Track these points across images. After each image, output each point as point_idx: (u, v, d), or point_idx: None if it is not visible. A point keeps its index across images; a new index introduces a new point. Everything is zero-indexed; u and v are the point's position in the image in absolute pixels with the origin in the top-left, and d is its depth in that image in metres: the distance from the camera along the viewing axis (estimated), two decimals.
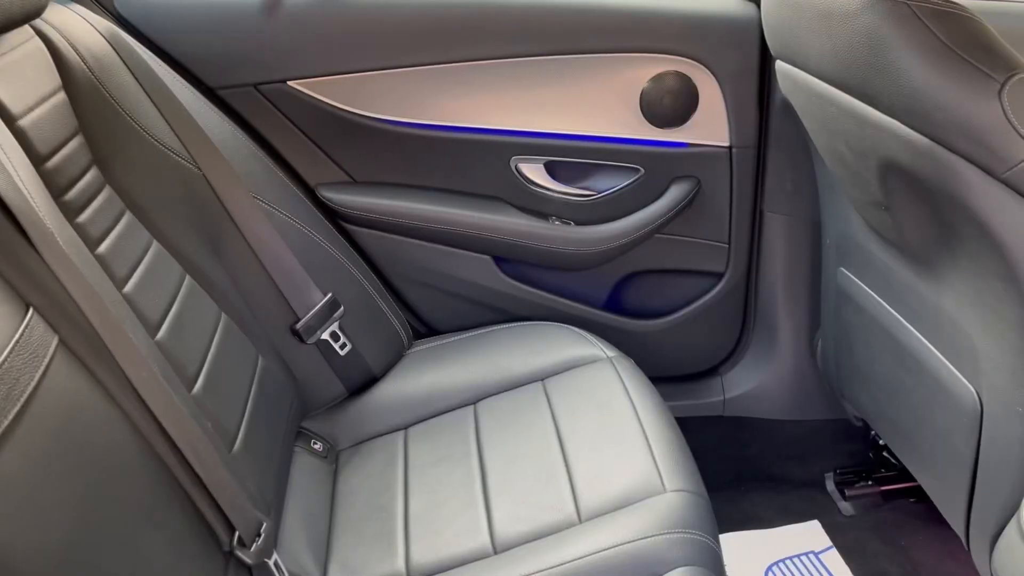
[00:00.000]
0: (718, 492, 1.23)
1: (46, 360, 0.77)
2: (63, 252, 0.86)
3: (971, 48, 0.88)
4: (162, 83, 1.26)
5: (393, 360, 1.50)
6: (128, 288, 1.02)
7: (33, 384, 0.74)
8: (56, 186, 0.97)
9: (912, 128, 0.95)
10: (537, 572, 1.05)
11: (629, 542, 1.05)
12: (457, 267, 1.61)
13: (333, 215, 1.54)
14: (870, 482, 1.72)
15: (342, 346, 1.40)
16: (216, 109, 1.38)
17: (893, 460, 1.72)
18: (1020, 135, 0.87)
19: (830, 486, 1.74)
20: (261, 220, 1.32)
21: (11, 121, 0.92)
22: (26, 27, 1.05)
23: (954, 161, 0.93)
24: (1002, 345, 1.03)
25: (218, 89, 1.44)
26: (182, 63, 1.41)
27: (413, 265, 1.60)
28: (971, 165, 0.92)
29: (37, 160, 0.95)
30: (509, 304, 1.64)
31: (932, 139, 0.93)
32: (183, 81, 1.34)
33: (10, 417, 0.69)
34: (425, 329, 1.67)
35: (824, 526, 1.66)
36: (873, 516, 1.67)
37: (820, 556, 1.59)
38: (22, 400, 0.71)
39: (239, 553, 0.95)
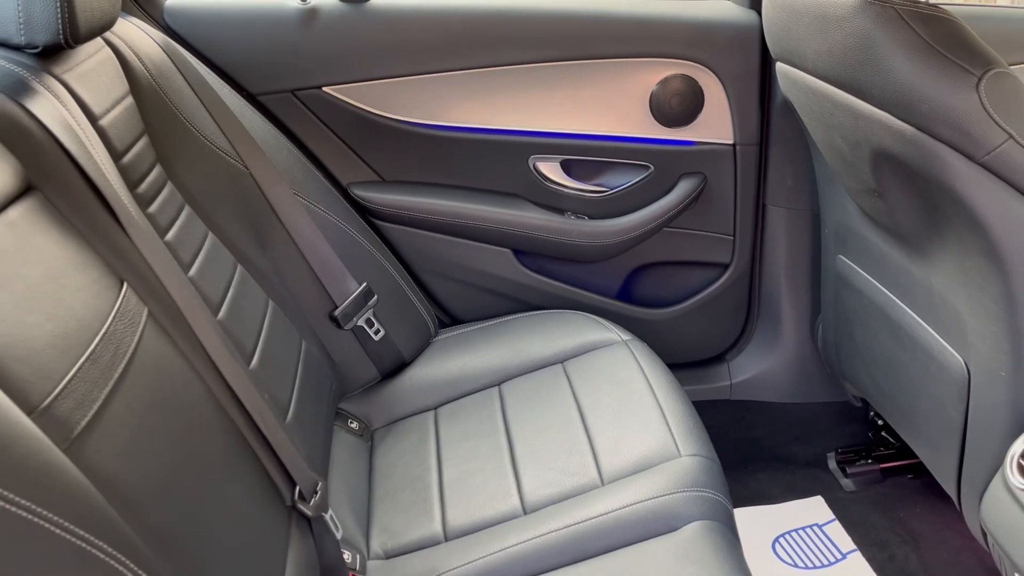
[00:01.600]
0: (727, 471, 1.31)
1: (140, 327, 0.87)
2: (146, 236, 0.97)
3: (951, 46, 0.99)
4: (211, 89, 1.37)
5: (422, 346, 1.61)
6: (192, 272, 1.13)
7: (132, 346, 0.84)
8: (130, 180, 1.08)
9: (900, 119, 1.06)
10: (565, 527, 1.14)
11: (648, 499, 1.15)
12: (479, 260, 1.71)
13: (364, 212, 1.65)
14: (870, 460, 1.82)
15: (376, 332, 1.50)
16: (258, 113, 1.49)
17: (892, 439, 1.82)
18: (996, 123, 0.98)
19: (832, 464, 1.84)
20: (301, 215, 1.42)
21: (94, 120, 1.03)
22: (98, 38, 1.16)
23: (938, 148, 1.03)
24: (986, 317, 1.13)
25: (259, 95, 1.55)
26: (225, 71, 1.52)
27: (438, 258, 1.70)
28: (953, 151, 1.02)
29: (115, 156, 1.06)
30: (528, 295, 1.74)
31: (918, 128, 1.04)
32: (228, 87, 1.45)
33: (118, 372, 0.80)
34: (449, 319, 1.78)
35: (827, 501, 1.76)
36: (873, 491, 1.77)
37: (824, 528, 1.69)
38: (125, 359, 0.82)
39: (300, 506, 1.05)
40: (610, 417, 1.34)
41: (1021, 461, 1.07)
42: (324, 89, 1.57)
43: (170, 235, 1.13)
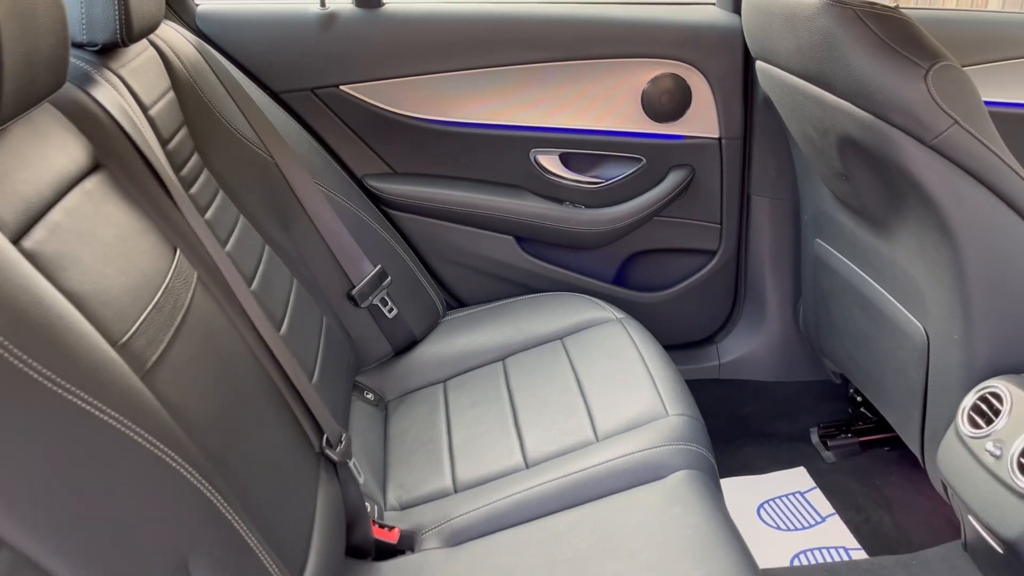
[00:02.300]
0: (716, 445, 1.42)
1: (192, 287, 1.00)
2: (192, 210, 1.10)
3: (902, 42, 1.12)
4: (240, 86, 1.51)
5: (431, 325, 1.73)
6: (227, 248, 1.26)
7: (187, 302, 0.97)
8: (175, 164, 1.21)
9: (860, 107, 1.19)
10: (562, 477, 1.27)
11: (638, 452, 1.28)
12: (484, 246, 1.84)
13: (377, 201, 1.78)
14: (849, 434, 1.94)
15: (390, 310, 1.63)
16: (281, 109, 1.62)
17: (870, 415, 1.94)
18: (942, 110, 1.11)
19: (814, 438, 1.96)
20: (321, 202, 1.55)
21: (144, 110, 1.16)
22: (144, 39, 1.29)
23: (893, 133, 1.16)
24: (940, 286, 1.26)
25: (281, 93, 1.68)
26: (251, 71, 1.66)
27: (446, 245, 1.83)
28: (906, 135, 1.15)
29: (162, 142, 1.19)
30: (530, 279, 1.87)
31: (875, 116, 1.17)
32: (254, 85, 1.59)
33: (177, 321, 0.93)
34: (456, 302, 1.90)
35: (809, 471, 1.88)
36: (852, 462, 1.89)
37: (805, 495, 1.82)
38: (182, 312, 0.95)
39: (328, 452, 1.18)
40: (604, 384, 1.47)
41: (971, 413, 1.20)
42: (341, 88, 1.70)
43: (208, 214, 1.26)
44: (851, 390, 1.95)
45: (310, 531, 1.06)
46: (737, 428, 2.00)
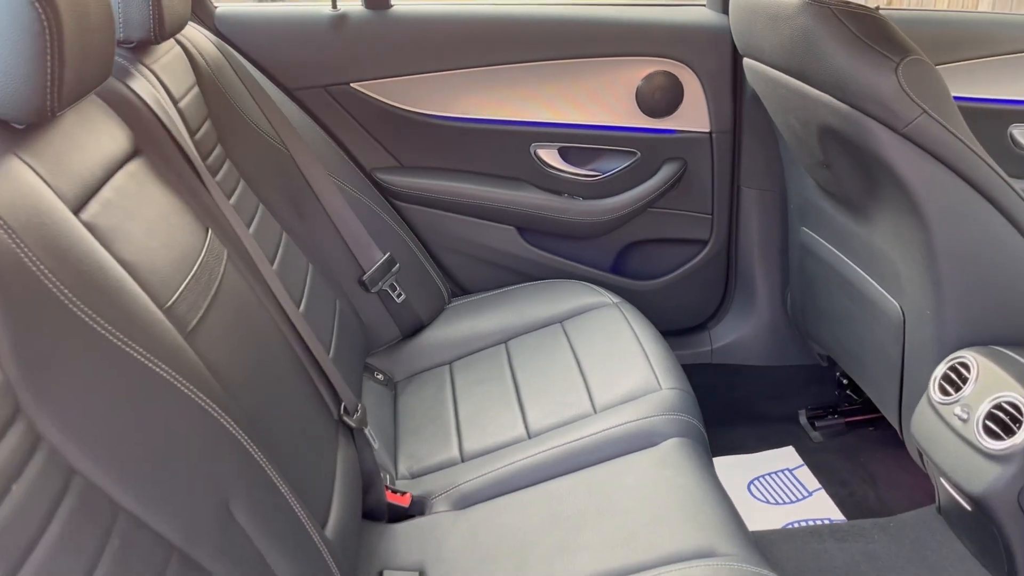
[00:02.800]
0: (708, 427, 1.50)
1: (223, 263, 1.09)
2: (220, 194, 1.19)
3: (875, 38, 1.22)
4: (257, 83, 1.60)
5: (437, 311, 1.83)
6: (250, 232, 1.35)
7: (220, 276, 1.06)
8: (201, 154, 1.31)
9: (837, 99, 1.29)
10: (562, 445, 1.36)
11: (633, 421, 1.37)
12: (486, 236, 1.93)
13: (385, 193, 1.87)
14: (836, 415, 2.03)
15: (398, 295, 1.72)
16: (295, 105, 1.72)
17: (855, 396, 2.03)
18: (912, 100, 1.21)
19: (803, 419, 2.05)
20: (334, 192, 1.65)
21: (175, 102, 1.26)
22: (171, 38, 1.38)
23: (868, 122, 1.26)
24: (914, 265, 1.35)
25: (295, 90, 1.78)
26: (267, 69, 1.75)
27: (450, 235, 1.92)
28: (880, 124, 1.25)
29: (191, 132, 1.28)
30: (530, 268, 1.96)
31: (851, 106, 1.26)
32: (269, 82, 1.68)
33: (212, 291, 1.02)
34: (460, 290, 1.99)
35: (797, 450, 1.97)
36: (838, 441, 1.99)
37: (793, 472, 1.91)
38: (216, 284, 1.04)
39: (345, 419, 1.27)
40: (602, 361, 1.56)
41: (941, 382, 1.29)
42: (352, 85, 1.80)
43: (232, 200, 1.35)
44: (837, 373, 2.04)
45: (331, 490, 1.15)
46: (729, 410, 2.09)
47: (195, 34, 1.49)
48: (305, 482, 1.04)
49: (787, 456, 1.96)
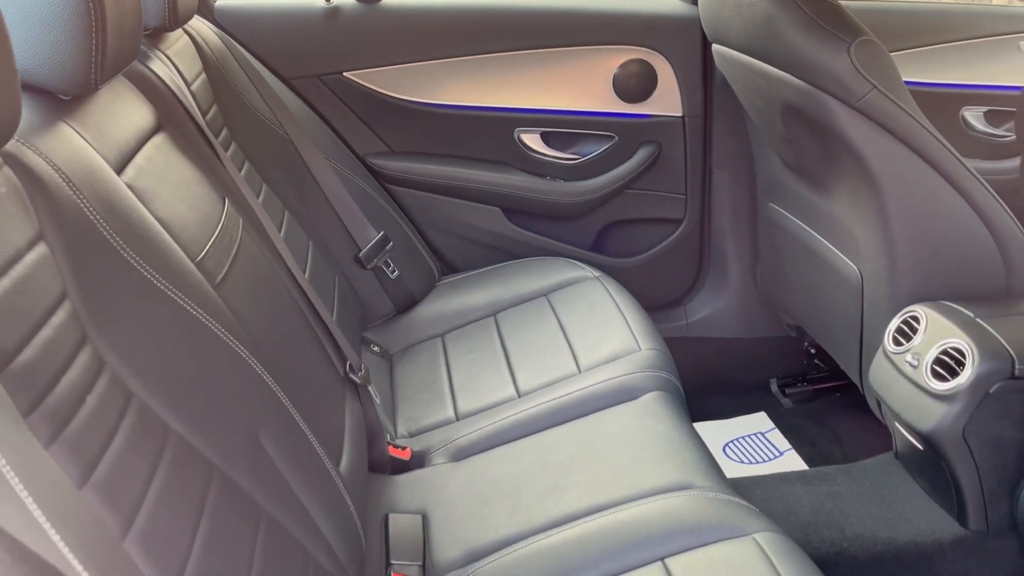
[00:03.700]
0: (686, 395, 1.61)
1: (240, 228, 1.20)
2: (234, 168, 1.29)
3: (829, 20, 1.34)
4: (257, 72, 1.70)
5: (428, 287, 1.93)
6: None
7: (238, 239, 1.16)
8: (212, 133, 1.40)
9: (797, 77, 1.41)
10: (551, 400, 1.47)
11: (615, 378, 1.48)
12: (474, 217, 2.04)
13: (378, 177, 1.97)
14: (805, 383, 2.16)
15: (392, 272, 1.82)
16: (291, 93, 1.82)
17: (823, 365, 2.16)
18: (863, 77, 1.33)
19: (774, 387, 2.18)
20: (330, 175, 1.75)
21: (187, 85, 1.35)
22: (180, 28, 1.48)
23: (825, 98, 1.38)
24: (869, 230, 1.48)
25: (291, 79, 1.88)
26: (263, 59, 1.85)
27: (439, 216, 2.03)
28: (836, 100, 1.37)
29: (203, 113, 1.38)
30: (515, 247, 2.07)
31: (810, 83, 1.39)
32: (268, 71, 1.78)
33: (233, 252, 1.12)
34: (448, 269, 2.10)
35: (769, 415, 2.09)
36: (807, 407, 2.11)
37: (766, 435, 2.03)
38: (235, 246, 1.14)
39: (351, 376, 1.37)
40: (585, 328, 1.67)
41: (895, 334, 1.42)
42: (344, 74, 1.90)
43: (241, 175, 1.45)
44: (806, 343, 2.16)
45: (342, 436, 1.25)
46: (705, 380, 2.20)
47: (200, 25, 1.59)
48: (320, 424, 1.14)
49: (759, 421, 2.09)
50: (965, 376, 1.26)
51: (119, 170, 0.96)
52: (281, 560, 0.91)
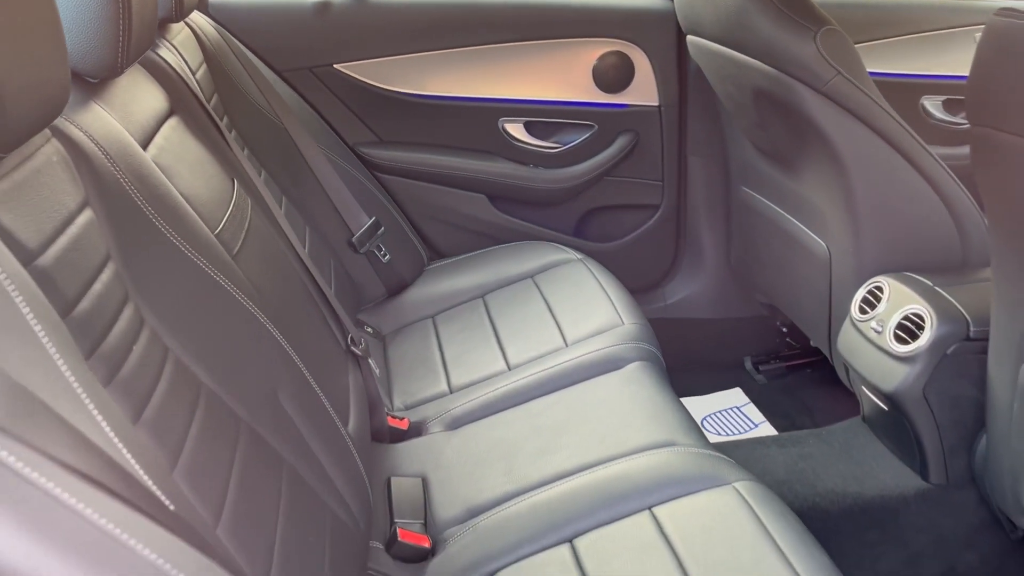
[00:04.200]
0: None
1: (250, 208, 1.27)
2: (240, 152, 1.36)
3: (796, 11, 1.44)
4: (252, 63, 1.77)
5: (418, 271, 2.01)
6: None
7: (249, 216, 1.24)
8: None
9: (767, 64, 1.50)
10: (539, 372, 1.55)
11: (600, 350, 1.57)
12: (460, 204, 2.12)
13: (367, 166, 2.04)
14: (777, 360, 2.26)
15: (384, 255, 1.90)
16: (285, 84, 1.89)
17: (793, 343, 2.27)
18: (829, 63, 1.43)
19: (748, 365, 2.28)
20: (324, 163, 1.82)
21: (193, 74, 1.42)
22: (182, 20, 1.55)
23: (793, 84, 1.48)
24: (835, 207, 1.58)
25: (283, 71, 1.94)
26: (257, 52, 1.91)
27: (427, 203, 2.11)
28: (803, 85, 1.47)
29: (207, 100, 1.45)
30: (500, 233, 2.15)
31: (779, 70, 1.48)
32: (261, 63, 1.85)
33: (245, 227, 1.19)
34: (436, 255, 2.17)
35: (744, 391, 2.20)
36: (780, 382, 2.22)
37: (741, 409, 2.13)
38: (247, 222, 1.21)
39: (352, 348, 1.45)
40: (570, 305, 1.76)
41: (861, 304, 1.52)
42: (335, 66, 1.97)
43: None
44: (778, 322, 2.27)
45: (348, 401, 1.33)
46: (682, 359, 2.29)
47: (199, 18, 1.66)
48: (329, 388, 1.22)
49: (735, 396, 2.19)
50: (925, 339, 1.37)
51: (143, 147, 1.03)
52: (303, 508, 0.99)
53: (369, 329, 1.88)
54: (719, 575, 1.05)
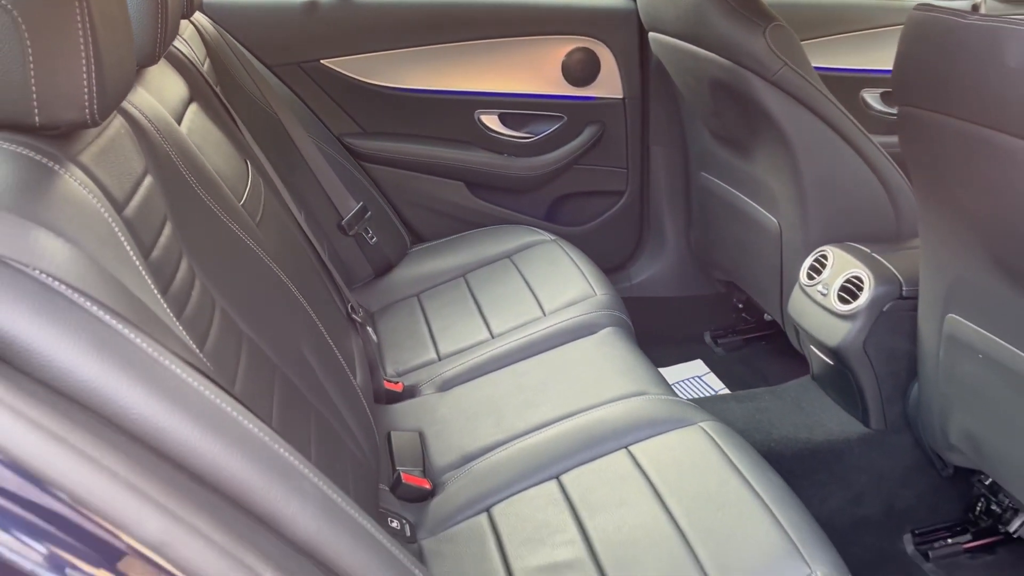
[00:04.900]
0: None
1: (263, 188, 1.40)
2: (250, 136, 1.49)
3: (747, 8, 1.61)
4: (247, 57, 1.89)
5: (402, 253, 2.15)
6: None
7: (263, 193, 1.37)
8: None
9: (722, 56, 1.68)
10: (519, 339, 1.70)
11: (576, 317, 1.73)
12: (439, 190, 2.26)
13: (352, 155, 2.18)
14: (735, 334, 2.44)
15: (371, 238, 2.03)
16: (275, 78, 2.02)
17: (748, 318, 2.45)
18: (776, 55, 1.61)
19: (707, 339, 2.45)
20: (314, 150, 1.95)
21: (198, 68, 1.55)
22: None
23: (746, 74, 1.65)
24: (784, 185, 1.76)
25: (273, 66, 2.07)
26: (249, 48, 2.04)
27: (409, 190, 2.25)
28: (755, 75, 1.64)
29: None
30: (477, 218, 2.30)
31: (733, 62, 1.65)
32: (254, 58, 1.98)
33: (263, 202, 1.33)
34: (417, 239, 2.31)
35: (705, 362, 2.37)
36: (737, 354, 2.40)
37: (702, 378, 2.30)
38: (263, 197, 1.35)
39: (353, 315, 1.58)
40: (546, 280, 1.91)
41: (808, 271, 1.70)
42: (322, 61, 2.11)
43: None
44: (734, 299, 2.44)
45: (354, 361, 1.47)
46: (647, 334, 2.44)
47: (199, 16, 1.78)
48: (339, 345, 1.36)
49: (696, 367, 2.36)
50: (864, 298, 1.55)
51: (177, 124, 1.16)
52: (329, 443, 1.13)
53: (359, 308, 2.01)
54: (689, 498, 1.21)
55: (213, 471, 0.60)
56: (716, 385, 2.27)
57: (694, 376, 2.32)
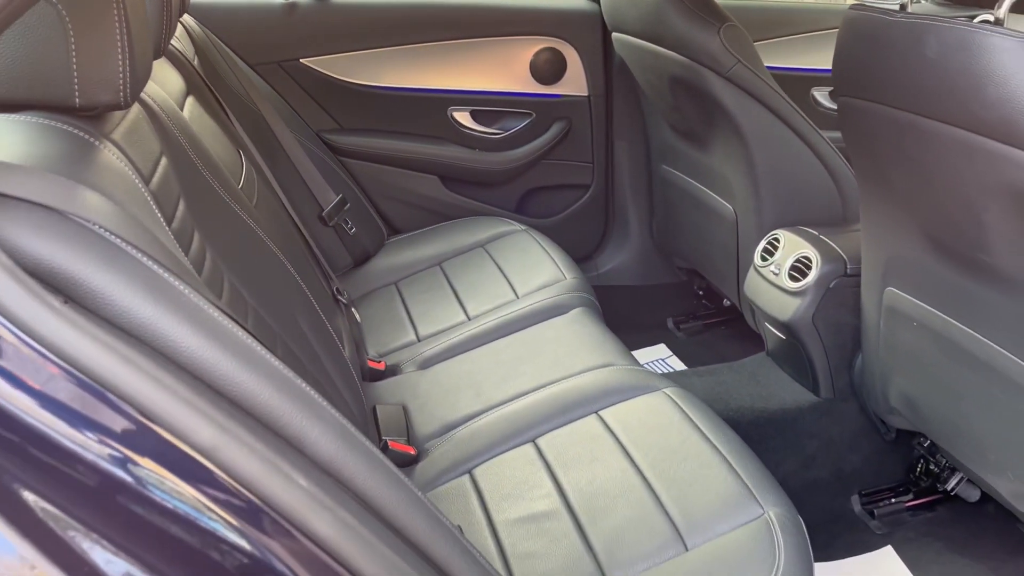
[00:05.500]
0: None
1: (256, 174, 1.49)
2: (241, 129, 1.58)
3: (703, 9, 1.74)
4: (232, 55, 1.98)
5: (379, 245, 2.25)
6: None
7: (257, 180, 1.46)
8: None
9: (680, 54, 1.80)
10: (495, 320, 1.81)
11: (547, 299, 1.84)
12: (415, 185, 2.36)
13: (331, 150, 2.27)
14: (695, 320, 2.57)
15: (350, 229, 2.13)
16: (257, 76, 2.11)
17: (709, 305, 2.58)
18: (730, 53, 1.74)
19: (670, 324, 2.58)
20: (295, 145, 2.05)
21: (192, 64, 1.64)
22: None
23: (702, 70, 1.78)
24: (739, 174, 1.89)
25: (254, 65, 2.16)
26: (231, 47, 2.13)
27: (385, 184, 2.35)
28: (711, 71, 1.77)
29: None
30: (451, 210, 2.41)
31: (690, 59, 1.78)
32: (236, 57, 2.07)
33: (257, 188, 1.42)
34: (393, 232, 2.41)
35: (668, 346, 2.50)
36: (698, 338, 2.53)
37: (666, 360, 2.43)
38: (257, 184, 1.44)
39: (339, 297, 1.68)
40: (519, 266, 2.02)
41: (762, 253, 1.83)
42: (301, 60, 2.20)
43: None
44: (695, 287, 2.58)
45: (342, 334, 1.57)
46: (613, 321, 2.57)
47: (186, 16, 1.87)
48: (330, 319, 1.46)
49: (660, 350, 2.49)
50: (812, 276, 1.68)
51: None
52: None
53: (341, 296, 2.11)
54: (653, 453, 1.33)
55: (249, 398, 0.70)
56: (679, 367, 2.39)
57: (658, 359, 2.44)
